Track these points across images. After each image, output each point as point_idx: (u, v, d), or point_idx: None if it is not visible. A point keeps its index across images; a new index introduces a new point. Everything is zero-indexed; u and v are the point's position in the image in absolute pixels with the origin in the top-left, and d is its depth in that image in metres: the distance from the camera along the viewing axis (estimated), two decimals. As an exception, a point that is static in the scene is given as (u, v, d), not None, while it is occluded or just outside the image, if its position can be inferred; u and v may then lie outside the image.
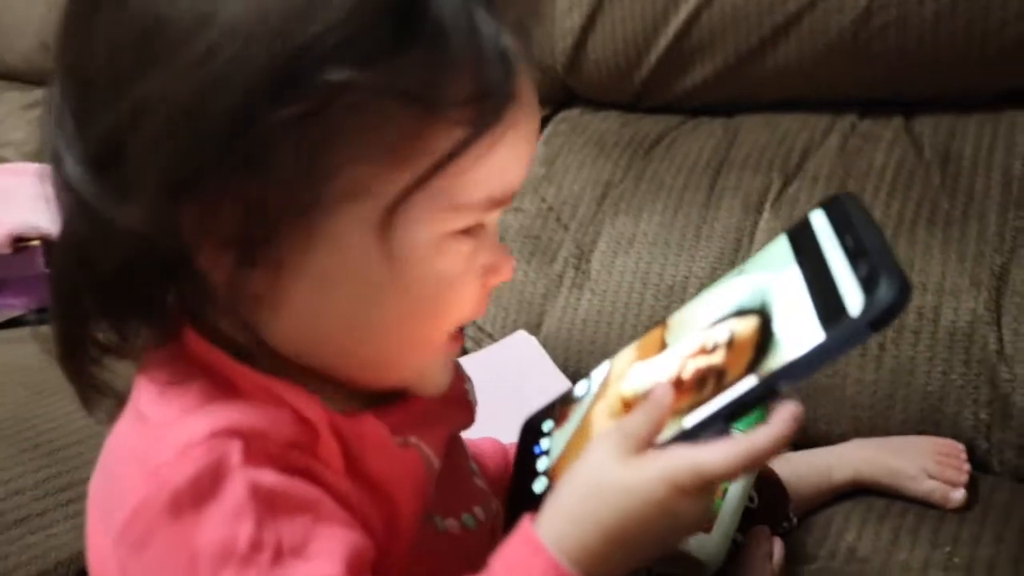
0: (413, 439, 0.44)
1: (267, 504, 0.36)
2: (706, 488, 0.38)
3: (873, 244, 0.40)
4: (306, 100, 0.34)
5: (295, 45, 0.34)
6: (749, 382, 0.39)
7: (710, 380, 0.42)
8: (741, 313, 0.45)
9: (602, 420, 0.49)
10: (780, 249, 0.46)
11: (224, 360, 0.40)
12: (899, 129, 0.96)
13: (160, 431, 0.38)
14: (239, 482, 0.36)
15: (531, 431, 0.53)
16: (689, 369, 0.44)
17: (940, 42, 0.90)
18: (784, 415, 0.38)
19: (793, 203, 0.94)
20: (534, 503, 0.43)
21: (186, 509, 0.35)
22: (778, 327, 0.41)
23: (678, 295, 0.95)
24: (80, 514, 0.76)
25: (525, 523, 0.39)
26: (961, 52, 0.90)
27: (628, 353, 0.52)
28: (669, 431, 0.41)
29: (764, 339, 0.41)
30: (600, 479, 0.38)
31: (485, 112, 0.37)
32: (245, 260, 0.37)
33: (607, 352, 0.96)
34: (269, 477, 0.36)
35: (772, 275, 0.45)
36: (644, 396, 0.44)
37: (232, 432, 0.37)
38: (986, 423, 0.78)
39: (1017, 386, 0.76)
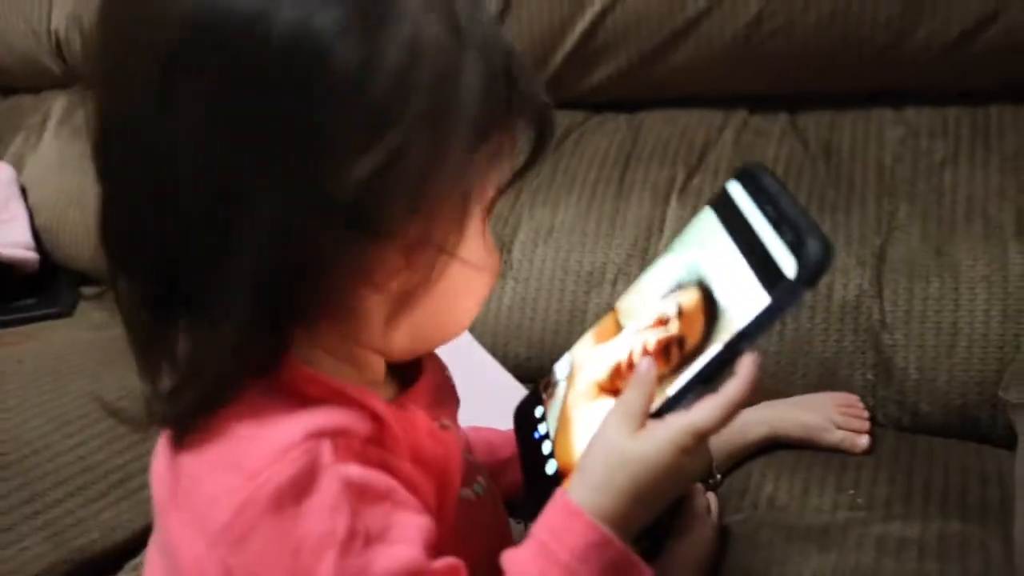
0: (446, 421, 0.50)
1: (357, 496, 0.41)
2: (702, 443, 0.46)
3: (791, 210, 0.46)
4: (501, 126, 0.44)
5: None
6: (715, 349, 0.46)
7: (673, 349, 0.49)
8: (681, 287, 0.52)
9: (580, 405, 0.56)
10: (707, 222, 0.53)
11: (298, 371, 0.44)
12: (785, 125, 1.07)
13: (250, 439, 0.42)
14: (332, 478, 0.41)
15: (525, 419, 0.59)
16: (651, 341, 0.51)
17: (821, 47, 1.01)
18: (747, 365, 0.45)
19: (698, 193, 1.04)
20: (551, 482, 0.51)
21: (287, 506, 0.40)
22: (723, 294, 0.48)
23: (596, 280, 1.04)
24: (49, 525, 0.78)
25: (559, 494, 0.46)
26: (838, 56, 1.01)
27: (587, 340, 0.60)
28: (657, 399, 0.48)
29: (711, 306, 0.48)
30: (616, 453, 0.46)
31: (537, 149, 0.48)
32: (425, 266, 0.44)
33: (532, 336, 1.07)
34: (355, 471, 0.42)
35: (705, 248, 0.52)
36: (617, 375, 0.53)
37: (321, 433, 0.42)
38: (872, 383, 0.90)
39: (898, 350, 0.89)
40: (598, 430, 0.48)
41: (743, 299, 0.46)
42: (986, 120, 0.97)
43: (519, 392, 0.80)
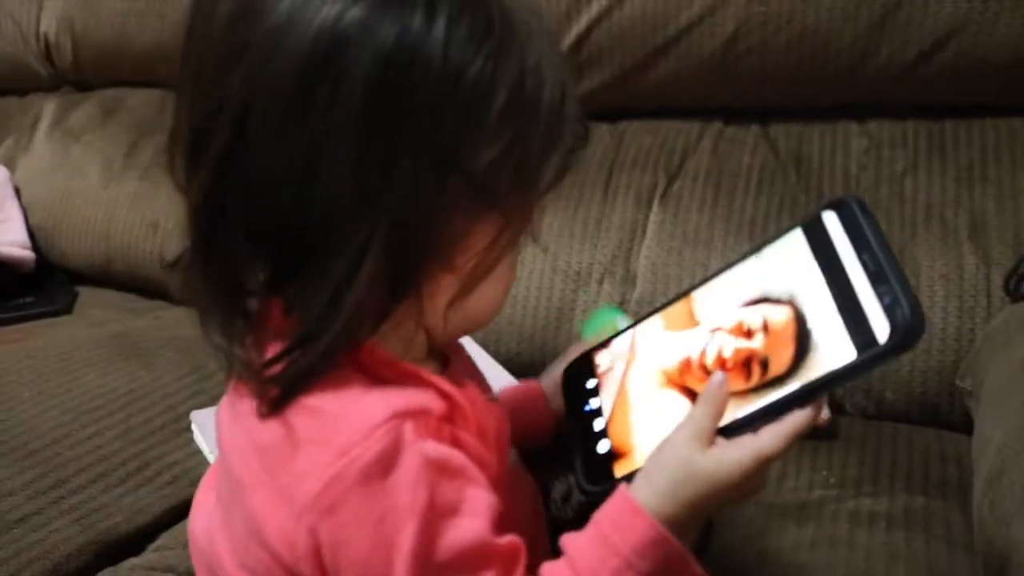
0: (492, 395, 0.55)
1: (435, 471, 0.46)
2: (766, 468, 0.49)
3: (889, 264, 0.45)
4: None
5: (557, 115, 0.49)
6: (794, 385, 0.47)
7: (754, 366, 0.50)
8: (770, 300, 0.51)
9: (642, 389, 0.57)
10: (798, 245, 0.52)
11: (373, 352, 0.48)
12: (758, 135, 1.15)
13: (337, 419, 0.46)
14: (414, 455, 0.46)
15: (576, 386, 0.61)
16: (729, 348, 0.53)
17: (791, 64, 1.08)
18: (816, 403, 0.48)
19: (678, 198, 1.11)
20: (605, 460, 0.55)
21: (374, 480, 0.45)
22: (814, 330, 0.47)
23: (584, 279, 1.10)
24: (75, 509, 0.82)
25: (624, 491, 0.51)
26: (807, 72, 1.08)
27: (655, 322, 0.60)
28: (728, 414, 0.50)
29: (802, 337, 0.48)
30: (684, 466, 0.49)
31: (575, 158, 0.52)
32: (506, 247, 0.49)
33: (523, 332, 1.13)
34: (433, 448, 0.46)
35: (795, 270, 0.51)
36: (687, 369, 0.55)
37: (403, 414, 0.46)
38: (841, 374, 0.97)
39: (864, 343, 0.97)
40: (668, 438, 0.51)
41: (831, 345, 0.46)
42: (941, 133, 1.06)
43: (511, 383, 0.84)
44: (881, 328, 0.44)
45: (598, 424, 0.59)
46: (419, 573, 0.45)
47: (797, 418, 0.48)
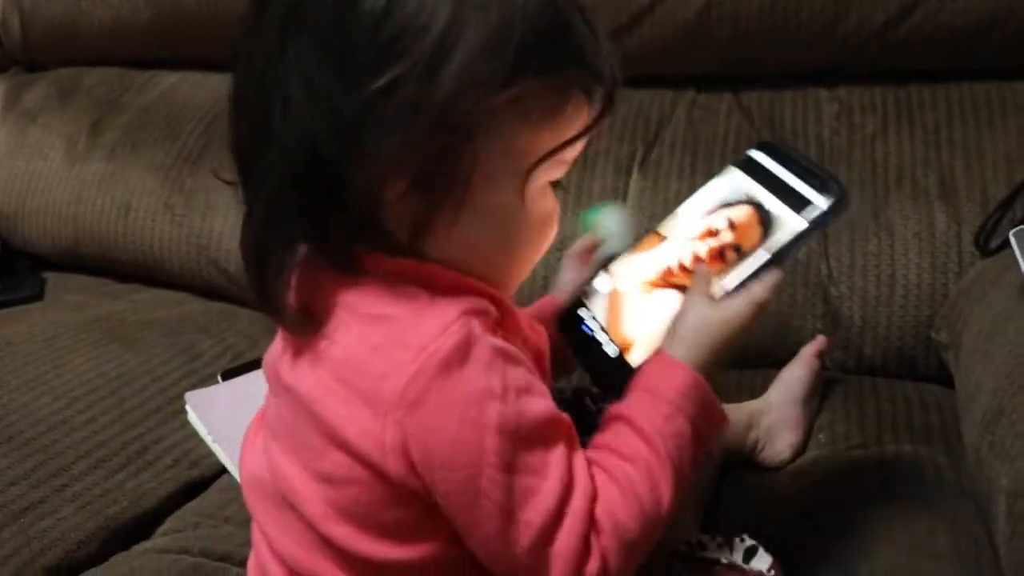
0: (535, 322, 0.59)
1: (503, 358, 0.50)
2: (762, 312, 0.59)
3: (814, 165, 0.59)
4: (519, 86, 0.49)
5: (518, 51, 0.48)
6: (764, 256, 0.59)
7: (730, 254, 0.61)
8: (729, 205, 0.64)
9: (631, 298, 0.66)
10: (735, 174, 0.65)
11: (433, 271, 0.52)
12: (731, 102, 1.17)
13: (411, 322, 0.50)
14: (485, 345, 0.50)
15: (570, 321, 0.67)
16: (703, 249, 0.63)
17: (763, 31, 1.11)
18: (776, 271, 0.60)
19: (657, 165, 1.12)
20: (617, 359, 0.62)
21: (453, 369, 0.49)
22: (772, 212, 0.60)
23: (567, 246, 1.11)
24: (79, 496, 0.81)
25: (660, 353, 0.58)
26: (779, 40, 1.11)
27: (625, 258, 0.69)
28: (718, 290, 0.59)
29: (764, 221, 0.60)
30: (703, 318, 0.58)
31: (605, 107, 0.53)
32: (427, 198, 0.50)
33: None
34: (498, 340, 0.51)
35: (741, 185, 0.64)
36: (669, 275, 0.64)
37: (469, 312, 0.51)
38: (821, 331, 1.01)
39: (843, 301, 1.00)
40: (683, 307, 0.60)
41: (787, 221, 0.59)
42: (908, 97, 1.10)
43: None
44: (820, 201, 0.58)
45: (601, 337, 0.65)
46: (507, 446, 0.49)
47: (775, 274, 0.59)
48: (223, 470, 0.91)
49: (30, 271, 1.33)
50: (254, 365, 1.04)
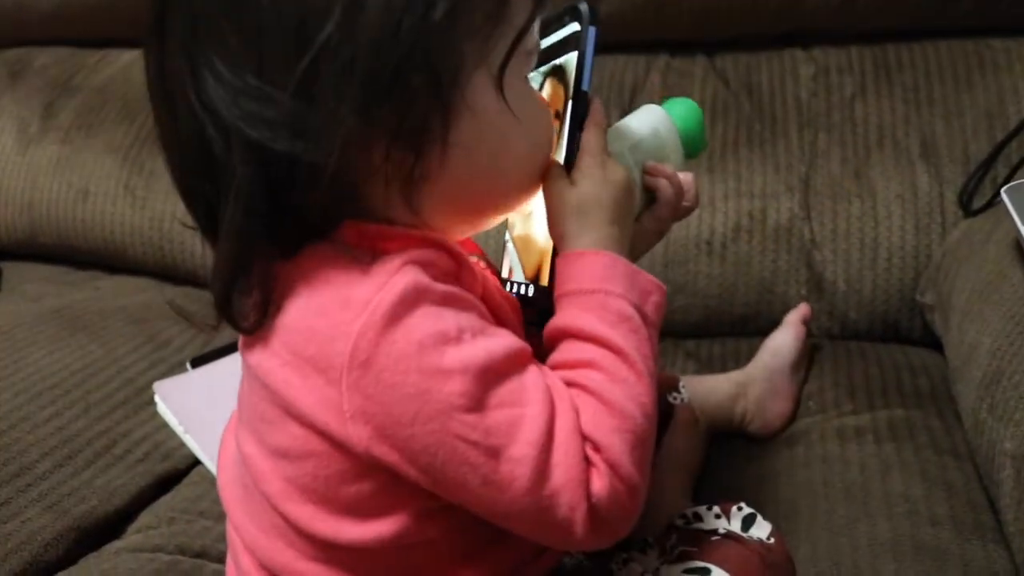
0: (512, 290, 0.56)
1: (455, 303, 0.47)
2: (600, 157, 0.55)
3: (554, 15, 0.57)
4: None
5: None
6: (569, 106, 0.55)
7: (555, 122, 0.58)
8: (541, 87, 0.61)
9: (523, 230, 0.63)
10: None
11: (381, 228, 0.49)
12: (706, 66, 1.15)
13: (352, 283, 0.47)
14: (432, 292, 0.47)
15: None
16: None
17: (736, -4, 1.09)
18: (595, 107, 0.57)
19: (633, 134, 1.10)
20: (537, 292, 0.58)
21: (401, 318, 0.46)
22: (561, 64, 0.57)
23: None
24: (45, 496, 0.77)
25: (556, 261, 0.54)
26: (751, 3, 1.09)
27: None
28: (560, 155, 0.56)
29: (560, 77, 0.58)
30: (566, 200, 0.54)
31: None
32: (412, 148, 0.46)
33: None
34: (447, 288, 0.47)
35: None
36: None
37: (415, 261, 0.47)
38: (805, 296, 1.00)
39: (827, 266, 0.99)
40: (545, 202, 0.55)
41: (569, 64, 0.57)
42: (885, 57, 1.08)
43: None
44: (576, 27, 0.56)
45: (525, 286, 0.60)
46: (474, 386, 0.46)
47: (589, 109, 0.56)
48: (196, 462, 0.87)
49: (-15, 263, 1.27)
50: (225, 351, 1.01)
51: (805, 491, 0.73)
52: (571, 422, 0.48)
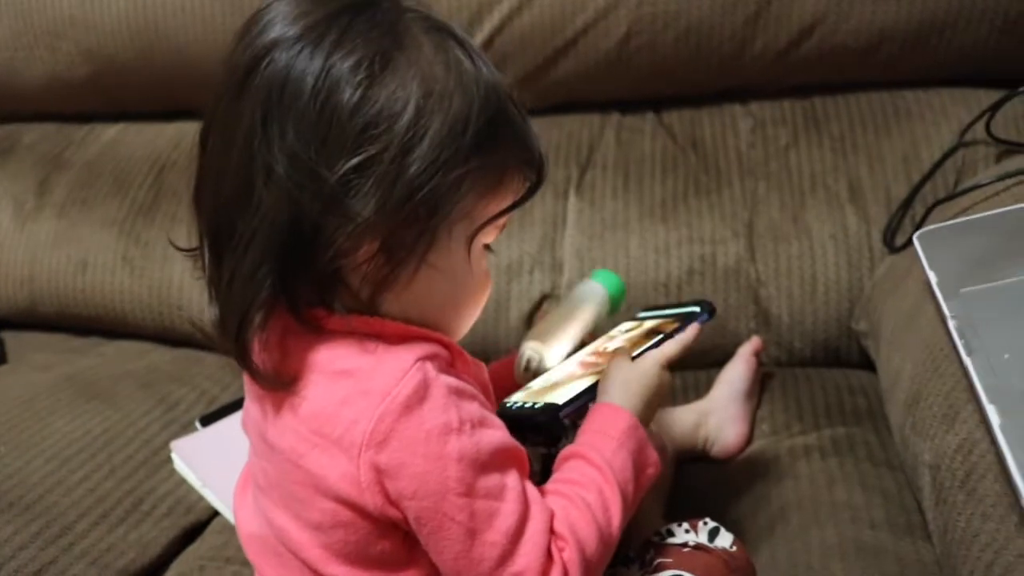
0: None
1: (457, 395, 0.58)
2: (668, 365, 0.73)
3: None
4: (474, 163, 0.57)
5: (474, 133, 0.57)
6: (657, 337, 0.77)
7: (640, 340, 0.77)
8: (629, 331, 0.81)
9: (557, 370, 0.80)
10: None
11: (384, 324, 0.59)
12: (655, 123, 1.26)
13: (371, 373, 0.57)
14: (440, 385, 0.58)
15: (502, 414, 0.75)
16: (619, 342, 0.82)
17: (679, 58, 1.20)
18: (690, 329, 0.77)
19: (592, 187, 1.21)
20: (540, 409, 0.72)
21: (414, 408, 0.56)
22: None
23: (515, 271, 1.19)
24: (87, 553, 0.85)
25: (601, 406, 0.68)
26: (693, 64, 1.21)
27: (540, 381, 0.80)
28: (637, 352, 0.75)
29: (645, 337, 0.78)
30: (627, 375, 0.70)
31: (538, 181, 0.63)
32: (393, 258, 0.57)
33: None
34: (451, 380, 0.58)
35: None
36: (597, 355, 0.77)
37: (424, 357, 0.58)
38: (755, 330, 1.11)
39: (772, 302, 1.10)
40: (608, 370, 0.71)
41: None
42: (813, 109, 1.21)
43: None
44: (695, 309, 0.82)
45: (529, 403, 0.75)
46: (467, 473, 0.57)
47: (683, 335, 0.77)
48: (215, 513, 0.95)
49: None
50: (230, 409, 1.09)
51: (763, 504, 0.84)
52: (542, 522, 0.59)
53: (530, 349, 0.82)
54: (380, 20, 0.57)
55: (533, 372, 0.82)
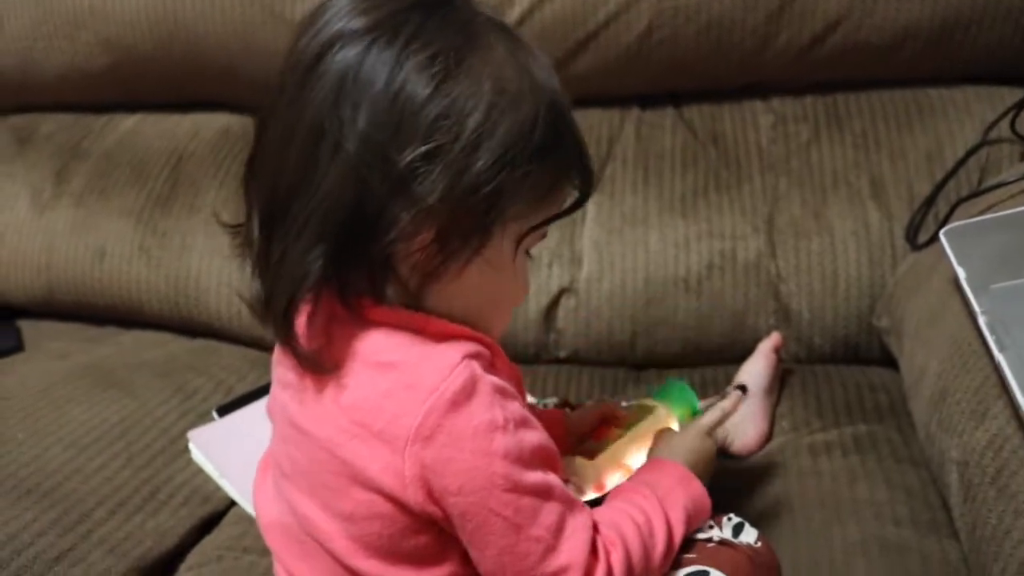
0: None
1: (503, 395, 0.59)
2: (712, 432, 0.76)
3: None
4: (536, 166, 0.57)
5: (539, 137, 0.57)
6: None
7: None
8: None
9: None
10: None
11: (429, 321, 0.59)
12: (675, 118, 1.26)
13: (416, 367, 0.58)
14: (486, 383, 0.58)
15: None
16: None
17: (700, 52, 1.20)
18: (733, 396, 0.79)
19: (612, 181, 1.20)
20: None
21: (462, 404, 0.57)
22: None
23: (535, 266, 1.18)
24: (105, 540, 0.85)
25: (652, 459, 0.73)
26: (715, 58, 1.20)
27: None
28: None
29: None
30: (677, 443, 0.75)
31: (589, 190, 0.63)
32: (445, 249, 0.57)
33: None
34: (495, 379, 0.59)
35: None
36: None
37: (470, 355, 0.59)
38: (774, 326, 1.10)
39: (792, 298, 1.10)
40: (656, 445, 0.76)
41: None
42: (835, 107, 1.20)
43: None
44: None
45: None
46: (512, 469, 0.57)
47: (723, 404, 0.79)
48: (232, 503, 0.95)
49: (5, 322, 1.33)
50: (247, 399, 1.09)
51: (783, 501, 0.84)
52: (583, 520, 0.61)
53: (574, 476, 0.78)
54: (454, 19, 0.58)
55: None
